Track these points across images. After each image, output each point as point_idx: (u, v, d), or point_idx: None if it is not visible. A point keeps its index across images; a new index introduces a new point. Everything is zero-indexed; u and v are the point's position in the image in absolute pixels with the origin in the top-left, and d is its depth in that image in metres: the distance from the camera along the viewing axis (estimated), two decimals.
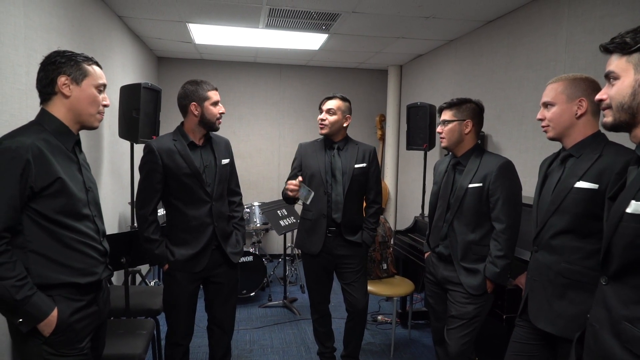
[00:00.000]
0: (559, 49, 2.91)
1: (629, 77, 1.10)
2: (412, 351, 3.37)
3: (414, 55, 5.08)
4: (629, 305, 1.05)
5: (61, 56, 1.50)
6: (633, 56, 1.09)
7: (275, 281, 4.92)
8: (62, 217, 1.46)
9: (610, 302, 1.10)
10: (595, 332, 1.15)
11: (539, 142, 3.09)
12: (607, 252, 1.12)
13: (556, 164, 1.73)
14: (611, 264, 1.11)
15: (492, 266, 2.10)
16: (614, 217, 1.09)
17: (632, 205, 1.04)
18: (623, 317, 1.06)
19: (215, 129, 2.33)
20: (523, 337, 1.75)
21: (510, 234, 2.09)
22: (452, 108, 2.21)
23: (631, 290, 1.06)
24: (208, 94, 2.28)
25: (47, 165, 1.42)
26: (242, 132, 5.76)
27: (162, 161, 2.22)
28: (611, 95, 1.14)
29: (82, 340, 1.53)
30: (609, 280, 1.12)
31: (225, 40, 4.54)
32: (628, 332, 1.04)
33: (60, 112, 1.51)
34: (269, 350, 3.34)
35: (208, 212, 2.29)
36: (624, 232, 1.06)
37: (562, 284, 1.61)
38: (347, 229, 2.63)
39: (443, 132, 2.22)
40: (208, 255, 2.31)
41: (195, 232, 2.28)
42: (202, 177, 2.26)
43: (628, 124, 1.12)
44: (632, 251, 1.05)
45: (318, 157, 2.66)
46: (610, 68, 1.14)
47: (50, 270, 1.45)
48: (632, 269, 1.06)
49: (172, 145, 2.25)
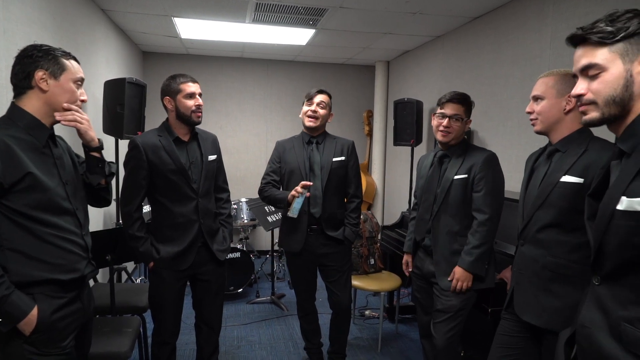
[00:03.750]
0: (544, 45, 2.95)
1: (617, 67, 1.03)
2: (400, 345, 3.40)
3: (401, 51, 5.09)
4: (627, 306, 1.00)
5: (38, 50, 1.47)
6: (616, 46, 1.03)
7: (262, 277, 4.91)
8: (38, 212, 1.43)
9: (606, 304, 1.04)
10: (589, 335, 1.09)
11: (524, 138, 3.13)
12: (599, 252, 1.06)
13: (543, 158, 1.75)
14: (604, 264, 1.05)
15: (467, 256, 2.12)
16: (604, 215, 1.03)
17: (624, 202, 0.98)
18: (622, 318, 1.00)
19: (193, 122, 2.25)
20: (509, 330, 1.78)
21: (490, 225, 2.12)
22: (463, 105, 2.20)
23: (628, 290, 1.00)
24: (181, 87, 2.21)
25: (16, 160, 1.39)
26: (229, 128, 5.72)
27: (147, 157, 2.18)
28: (596, 89, 1.06)
29: (65, 339, 1.51)
30: (602, 281, 1.06)
31: (212, 35, 4.50)
32: (630, 334, 0.98)
33: (33, 107, 1.48)
34: (256, 346, 3.34)
35: (194, 208, 2.27)
36: (617, 230, 1.00)
37: (548, 277, 1.63)
38: (328, 224, 2.61)
39: (451, 127, 2.18)
40: (194, 252, 2.29)
41: (181, 229, 2.25)
42: (187, 174, 2.24)
43: (617, 116, 1.05)
44: (627, 250, 0.99)
45: (297, 152, 2.64)
46: (593, 60, 1.06)
47: (29, 268, 1.43)
48: (628, 268, 1.00)
49: (157, 141, 2.22)
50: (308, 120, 2.60)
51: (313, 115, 2.58)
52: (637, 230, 0.96)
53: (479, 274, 2.13)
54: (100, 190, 1.73)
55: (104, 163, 1.70)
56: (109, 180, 1.76)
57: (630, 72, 1.02)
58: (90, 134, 1.64)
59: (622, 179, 1.01)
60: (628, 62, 1.02)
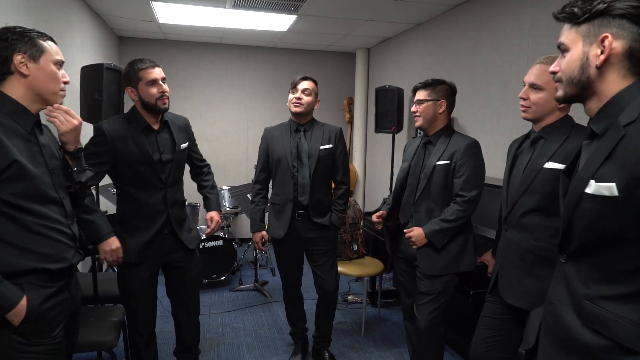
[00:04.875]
0: (523, 33, 3.00)
1: (577, 49, 1.05)
2: (382, 329, 3.47)
3: (381, 38, 5.10)
4: (589, 283, 1.04)
5: (12, 32, 1.41)
6: (581, 27, 1.04)
7: (245, 265, 4.92)
8: (24, 201, 1.40)
9: (571, 281, 1.08)
10: (554, 310, 1.13)
11: (502, 124, 3.20)
12: (566, 231, 1.09)
13: (526, 145, 1.78)
14: (570, 243, 1.08)
15: (433, 224, 2.19)
16: (573, 197, 1.05)
17: (592, 186, 1.00)
18: (584, 295, 1.04)
19: (160, 110, 2.15)
20: (493, 312, 1.84)
21: (466, 207, 2.17)
22: (427, 88, 2.25)
23: (591, 268, 1.04)
24: (140, 74, 2.08)
25: (1, 148, 1.34)
26: (208, 115, 5.65)
27: (114, 146, 2.09)
28: (562, 68, 1.09)
29: (55, 329, 1.49)
30: (568, 259, 1.10)
31: (191, 20, 4.41)
32: (589, 310, 1.02)
33: (17, 92, 1.43)
34: (241, 333, 3.36)
35: (162, 198, 2.22)
36: (583, 213, 1.03)
37: (531, 260, 1.68)
38: (315, 211, 2.63)
39: (418, 110, 2.26)
40: (161, 240, 2.24)
41: (147, 219, 2.20)
42: (156, 166, 2.17)
43: (579, 96, 1.08)
44: (592, 232, 1.02)
45: (284, 140, 2.64)
46: (561, 39, 1.09)
47: (16, 257, 1.40)
48: (591, 248, 1.04)
49: (125, 129, 2.13)
50: (294, 107, 2.59)
51: (297, 102, 2.57)
52: (602, 214, 0.99)
53: (435, 245, 2.20)
54: (72, 193, 1.65)
55: (72, 170, 1.61)
56: (80, 189, 1.67)
57: (587, 54, 1.03)
58: (69, 137, 1.57)
59: (592, 162, 1.02)
60: (587, 45, 1.03)
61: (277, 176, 2.67)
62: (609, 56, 1.00)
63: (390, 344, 3.22)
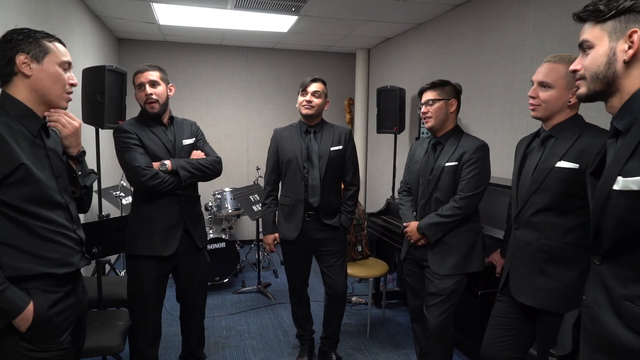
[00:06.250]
0: (526, 33, 2.99)
1: (603, 45, 1.07)
2: (387, 330, 3.45)
3: (382, 38, 5.09)
4: (627, 284, 1.02)
5: (18, 33, 1.41)
6: (607, 24, 1.06)
7: (247, 267, 4.90)
8: (31, 206, 1.38)
9: (608, 282, 1.06)
10: (594, 314, 1.10)
11: (506, 124, 3.19)
12: (597, 231, 1.08)
13: (536, 144, 1.77)
14: (603, 243, 1.07)
15: (428, 218, 2.22)
16: (601, 196, 1.05)
17: (620, 182, 1.00)
18: (623, 296, 1.02)
19: (149, 115, 2.26)
20: (503, 312, 1.83)
21: (463, 205, 2.16)
22: (437, 88, 2.24)
23: (627, 268, 1.02)
24: (134, 79, 2.25)
25: (8, 151, 1.32)
26: (209, 117, 5.62)
27: (140, 139, 2.23)
28: (585, 65, 1.10)
29: (62, 334, 1.46)
30: (603, 260, 1.08)
31: (191, 22, 4.39)
32: (630, 311, 1.00)
33: (22, 94, 1.41)
34: (246, 336, 3.33)
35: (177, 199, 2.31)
36: (613, 210, 1.02)
37: (542, 259, 1.67)
38: (325, 212, 2.63)
39: (429, 111, 2.23)
40: (177, 238, 2.28)
41: (163, 215, 2.27)
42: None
43: (603, 93, 1.09)
44: (623, 229, 1.01)
45: (294, 141, 2.64)
46: (585, 37, 1.10)
47: (23, 262, 1.37)
48: (624, 246, 1.02)
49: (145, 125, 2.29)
50: (304, 109, 2.59)
51: (308, 105, 2.57)
52: (631, 209, 0.98)
53: (429, 238, 2.22)
54: (76, 198, 1.64)
55: (76, 175, 1.61)
56: (85, 193, 1.66)
57: (614, 50, 1.05)
58: (71, 140, 1.56)
59: (617, 159, 1.03)
60: (614, 40, 1.05)
61: (287, 177, 2.66)
62: (637, 51, 1.02)
63: (396, 345, 3.20)
